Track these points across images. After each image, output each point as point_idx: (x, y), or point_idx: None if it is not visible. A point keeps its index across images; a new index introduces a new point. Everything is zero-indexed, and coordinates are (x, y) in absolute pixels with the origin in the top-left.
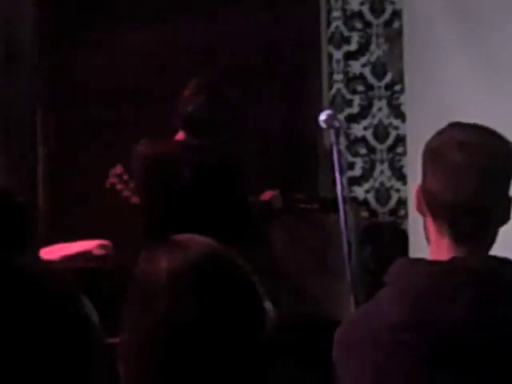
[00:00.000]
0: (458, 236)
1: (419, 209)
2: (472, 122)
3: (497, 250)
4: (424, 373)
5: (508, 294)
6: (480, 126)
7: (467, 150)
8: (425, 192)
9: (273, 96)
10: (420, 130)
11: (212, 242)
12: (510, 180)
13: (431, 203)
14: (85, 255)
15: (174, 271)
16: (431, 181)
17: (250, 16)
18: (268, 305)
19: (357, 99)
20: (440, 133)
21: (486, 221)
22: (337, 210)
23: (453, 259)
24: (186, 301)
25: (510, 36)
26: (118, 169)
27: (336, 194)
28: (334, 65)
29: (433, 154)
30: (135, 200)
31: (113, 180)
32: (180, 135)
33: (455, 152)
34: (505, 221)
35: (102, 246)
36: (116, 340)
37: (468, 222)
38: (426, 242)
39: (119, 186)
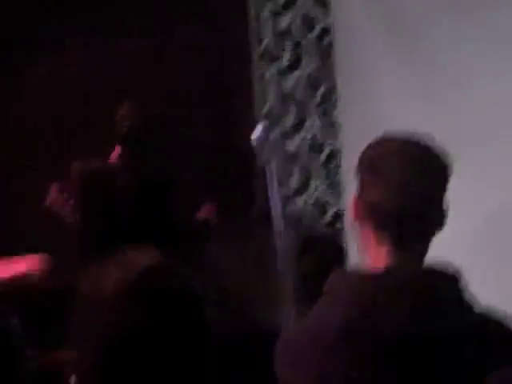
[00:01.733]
0: (397, 244)
1: (356, 219)
2: (405, 133)
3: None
4: (366, 374)
5: (444, 302)
6: (412, 137)
7: (404, 160)
8: (365, 202)
9: (207, 113)
10: (354, 143)
11: (157, 256)
12: (444, 189)
13: (372, 213)
14: (25, 275)
15: (122, 284)
16: (371, 191)
17: (182, 34)
18: (212, 315)
19: (290, 115)
20: (374, 144)
21: (425, 229)
22: (274, 224)
23: (389, 269)
24: (135, 313)
25: (440, 48)
26: (54, 188)
27: (272, 209)
28: (267, 82)
29: (369, 165)
30: (73, 219)
31: (51, 199)
32: (116, 152)
33: (393, 162)
34: (439, 229)
35: (39, 266)
36: (60, 353)
37: (408, 231)
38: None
39: (57, 206)
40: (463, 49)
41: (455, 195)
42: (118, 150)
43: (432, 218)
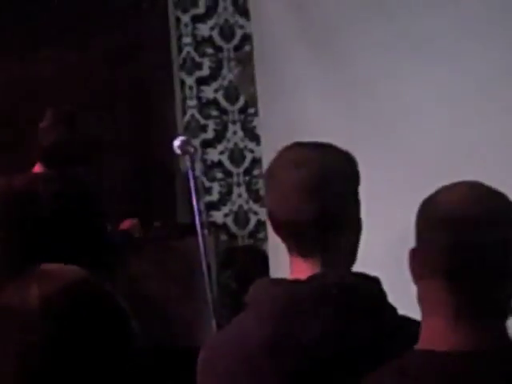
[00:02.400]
0: (303, 253)
1: (273, 230)
2: (322, 140)
3: None
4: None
5: (366, 309)
6: (320, 143)
7: (297, 168)
8: (270, 214)
9: (128, 124)
10: (275, 151)
11: (80, 270)
12: (350, 192)
13: (273, 223)
14: None
15: (46, 298)
16: (269, 201)
17: (103, 44)
18: (136, 328)
19: (211, 124)
20: (277, 155)
21: (333, 236)
22: (196, 235)
23: (310, 278)
24: (60, 327)
25: (360, 61)
26: None
27: (194, 219)
28: (187, 91)
29: (268, 175)
30: None
31: None
32: (37, 167)
33: (284, 171)
34: (355, 232)
35: None
36: None
37: (309, 238)
38: (286, 262)
39: None
40: (384, 56)
41: (369, 204)
42: (37, 165)
43: (337, 222)
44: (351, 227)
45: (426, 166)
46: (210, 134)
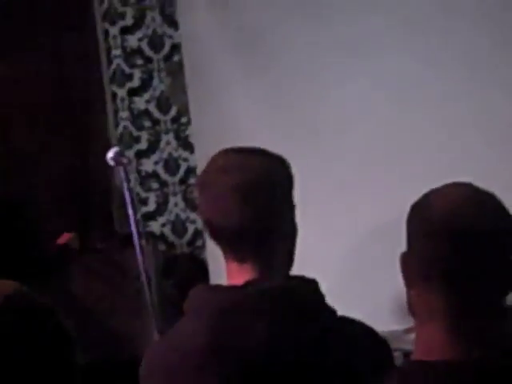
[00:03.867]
0: (239, 258)
1: (210, 237)
2: (254, 145)
3: None
4: None
5: (303, 312)
6: (252, 148)
7: (228, 174)
8: (205, 222)
9: (61, 137)
10: (209, 159)
11: (14, 283)
12: (284, 196)
13: (209, 230)
14: None
15: None
16: (203, 209)
17: (36, 57)
18: (76, 347)
19: (144, 135)
20: (208, 163)
21: (267, 240)
22: (133, 246)
23: (246, 283)
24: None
25: (290, 67)
26: None
27: (131, 231)
28: (119, 102)
29: (200, 183)
30: None
31: None
32: None
33: (217, 177)
34: (291, 236)
35: None
36: None
37: (244, 243)
38: (225, 269)
39: None
40: (314, 59)
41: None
42: None
43: (271, 228)
44: (286, 231)
45: (357, 167)
46: (143, 145)
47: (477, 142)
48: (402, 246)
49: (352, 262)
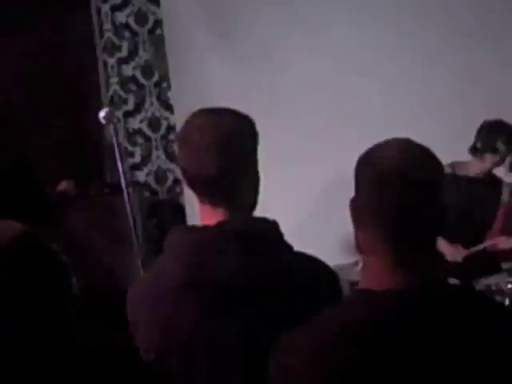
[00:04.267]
0: (212, 202)
1: (187, 184)
2: (219, 107)
3: None
4: (205, 321)
5: (265, 244)
6: (223, 108)
7: (203, 131)
8: (183, 171)
9: (59, 100)
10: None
11: (21, 225)
12: (250, 150)
13: (186, 178)
14: None
15: None
16: (182, 161)
17: (38, 32)
18: (74, 281)
19: (131, 97)
20: (186, 121)
21: (236, 187)
22: (122, 193)
23: (218, 223)
24: (6, 276)
25: (257, 40)
26: None
27: (119, 180)
28: (109, 70)
29: (179, 138)
30: None
31: None
32: None
33: (193, 134)
34: (255, 184)
35: None
36: None
37: (218, 190)
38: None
39: None
40: (278, 34)
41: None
42: None
43: (239, 179)
44: (251, 181)
45: (316, 130)
46: (130, 106)
47: (413, 104)
48: (352, 193)
49: (308, 206)
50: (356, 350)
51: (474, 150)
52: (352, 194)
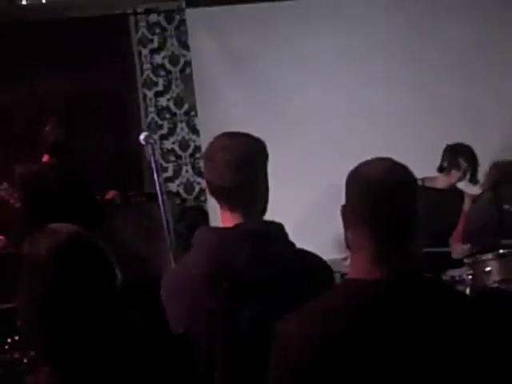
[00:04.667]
0: (231, 208)
1: (210, 194)
2: (239, 132)
3: None
4: (225, 304)
5: (273, 242)
6: (240, 132)
7: (225, 151)
8: (208, 183)
9: (107, 126)
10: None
11: (75, 227)
12: (261, 167)
13: (210, 189)
14: None
15: (52, 245)
16: (207, 174)
17: (95, 72)
18: (117, 270)
19: (165, 123)
20: (210, 143)
21: (250, 196)
22: (158, 200)
23: (236, 225)
24: (64, 269)
25: (268, 77)
26: (3, 185)
27: (156, 190)
28: (148, 101)
29: (205, 157)
30: (18, 205)
31: (1, 193)
32: (46, 157)
33: (216, 153)
34: (265, 195)
35: None
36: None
37: (236, 198)
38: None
39: (6, 197)
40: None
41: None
42: (45, 156)
43: (255, 188)
44: (262, 191)
45: (313, 146)
46: (164, 131)
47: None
48: (342, 201)
49: (307, 212)
50: (343, 325)
51: (441, 169)
52: (340, 202)
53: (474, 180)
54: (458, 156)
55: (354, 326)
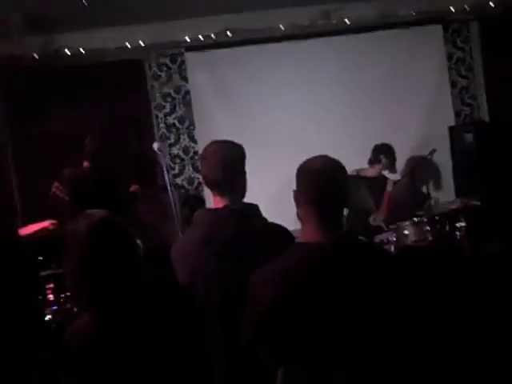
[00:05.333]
0: (220, 194)
1: (205, 185)
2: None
3: None
4: (217, 260)
5: (251, 218)
6: (226, 140)
7: (215, 153)
8: (203, 177)
9: (129, 138)
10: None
11: (107, 212)
12: (241, 165)
13: (206, 182)
14: (44, 228)
15: (89, 225)
16: (204, 171)
17: (118, 101)
18: (139, 242)
19: (172, 135)
20: (205, 148)
21: (234, 186)
22: (168, 191)
23: (224, 206)
24: (99, 240)
25: (246, 105)
26: (55, 184)
27: (166, 183)
28: (159, 120)
29: (202, 158)
30: (67, 199)
31: (54, 190)
32: (86, 163)
33: (209, 155)
34: (243, 185)
35: (52, 223)
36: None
37: (224, 187)
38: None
39: (58, 193)
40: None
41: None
42: (85, 162)
43: (236, 179)
44: (242, 182)
45: (278, 152)
46: (172, 140)
47: (335, 134)
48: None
49: (275, 196)
50: (295, 276)
51: (369, 162)
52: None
53: (392, 170)
54: (380, 153)
55: (302, 276)
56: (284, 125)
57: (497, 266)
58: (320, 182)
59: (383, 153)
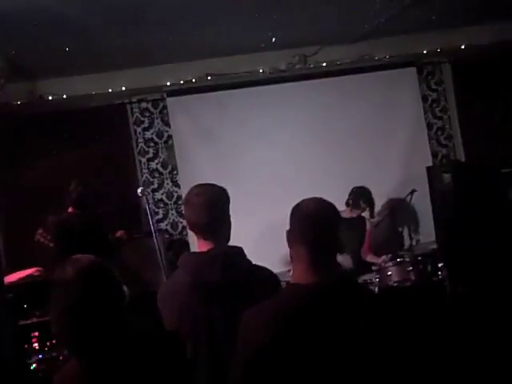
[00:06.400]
0: (204, 238)
1: (189, 229)
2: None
3: None
4: (201, 308)
5: (236, 262)
6: (209, 184)
7: (198, 197)
8: (187, 221)
9: (113, 184)
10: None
11: (94, 257)
12: (226, 208)
13: (190, 225)
14: (29, 276)
15: (78, 269)
16: (186, 215)
17: (102, 146)
18: (125, 288)
19: (156, 180)
20: (188, 192)
21: (218, 229)
22: (152, 236)
23: (208, 250)
24: (85, 285)
25: (227, 145)
26: (40, 230)
27: (151, 229)
28: (142, 165)
29: (184, 202)
30: (52, 245)
31: (38, 237)
32: (70, 209)
33: (192, 199)
34: (228, 228)
35: (37, 270)
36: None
37: (208, 231)
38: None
39: (42, 239)
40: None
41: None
42: (70, 208)
43: (218, 223)
44: (227, 224)
45: (261, 191)
46: (155, 185)
47: (315, 174)
48: (285, 229)
49: (260, 238)
50: (286, 315)
51: (348, 205)
52: (284, 229)
53: (371, 216)
54: (359, 199)
55: (294, 316)
56: (267, 166)
57: (467, 308)
58: (313, 223)
59: (362, 198)
